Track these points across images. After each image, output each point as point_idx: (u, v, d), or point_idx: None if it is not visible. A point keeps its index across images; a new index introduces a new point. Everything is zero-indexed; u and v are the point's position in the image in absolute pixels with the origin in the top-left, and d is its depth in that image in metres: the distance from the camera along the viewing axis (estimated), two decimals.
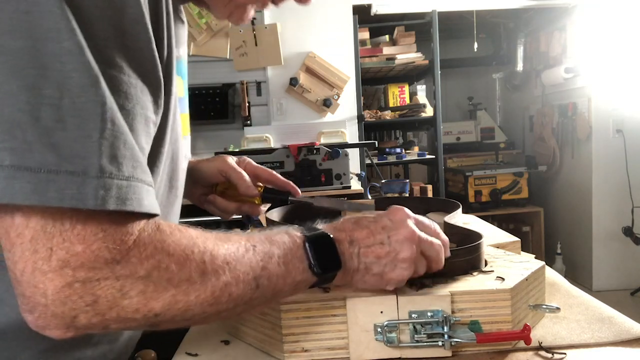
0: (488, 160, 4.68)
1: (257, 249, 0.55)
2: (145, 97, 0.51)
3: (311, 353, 0.64)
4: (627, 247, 3.72)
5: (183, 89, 0.74)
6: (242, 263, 0.53)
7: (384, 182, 2.32)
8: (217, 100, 3.16)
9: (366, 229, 0.62)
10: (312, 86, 3.23)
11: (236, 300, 0.53)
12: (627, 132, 3.68)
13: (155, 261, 0.48)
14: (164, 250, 0.49)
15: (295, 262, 0.57)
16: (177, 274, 0.49)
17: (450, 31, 4.67)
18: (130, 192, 0.46)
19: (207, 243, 0.52)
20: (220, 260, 0.52)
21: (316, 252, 0.58)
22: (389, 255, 0.61)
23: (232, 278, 0.52)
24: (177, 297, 0.49)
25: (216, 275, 0.51)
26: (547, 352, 0.63)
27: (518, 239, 0.93)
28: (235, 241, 0.55)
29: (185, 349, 0.70)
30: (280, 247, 0.57)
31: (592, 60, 3.71)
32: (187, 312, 0.50)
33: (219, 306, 0.52)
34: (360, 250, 0.61)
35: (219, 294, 0.51)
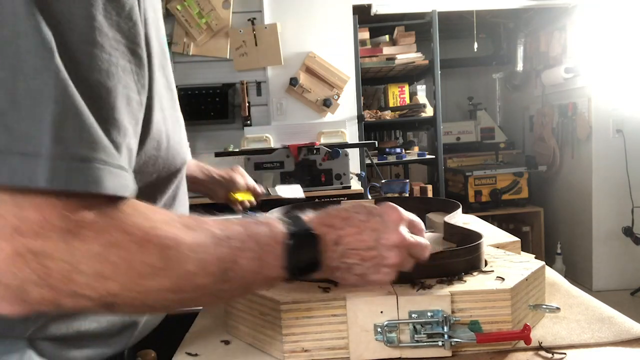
0: (488, 160, 4.68)
1: (231, 240, 0.53)
2: (128, 76, 0.51)
3: (311, 353, 0.64)
4: (627, 247, 3.72)
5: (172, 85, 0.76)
6: (210, 254, 0.51)
7: (384, 182, 2.32)
8: (217, 100, 3.16)
9: (355, 228, 0.60)
10: (312, 86, 3.23)
11: (201, 290, 0.52)
12: (627, 132, 3.68)
13: (112, 238, 0.47)
14: (124, 230, 0.47)
15: (270, 259, 0.55)
16: (137, 256, 0.47)
17: (450, 31, 4.67)
18: (86, 173, 0.45)
19: (176, 229, 0.51)
20: (187, 248, 0.50)
21: (295, 253, 0.57)
22: (375, 259, 0.60)
23: (198, 268, 0.50)
24: (137, 281, 0.48)
25: (180, 263, 0.49)
26: (547, 352, 0.63)
27: (518, 239, 0.93)
28: (209, 230, 0.53)
29: (185, 349, 0.70)
30: (258, 241, 0.55)
31: (592, 60, 3.71)
32: (147, 298, 0.49)
33: (182, 295, 0.51)
34: (345, 252, 0.60)
35: (183, 282, 0.50)
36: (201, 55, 3.14)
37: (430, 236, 0.91)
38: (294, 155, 2.40)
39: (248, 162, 2.42)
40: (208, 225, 0.54)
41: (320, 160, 2.41)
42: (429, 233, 0.94)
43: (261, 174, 2.40)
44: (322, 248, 0.58)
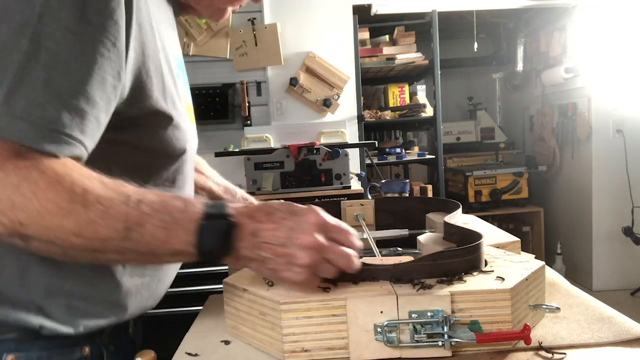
0: (488, 160, 4.68)
1: (142, 205, 0.58)
2: (105, 61, 0.59)
3: (311, 353, 0.64)
4: (627, 247, 3.72)
5: (182, 83, 0.82)
6: (115, 209, 0.57)
7: (384, 182, 2.32)
8: (217, 100, 3.16)
9: (273, 224, 0.62)
10: (312, 86, 3.23)
11: (102, 240, 0.57)
12: (627, 132, 3.68)
13: (28, 174, 0.54)
14: (41, 170, 0.55)
15: (179, 231, 0.59)
16: (46, 194, 0.55)
17: (450, 31, 4.67)
18: (22, 129, 0.55)
19: (91, 182, 0.57)
20: (93, 197, 0.56)
21: (207, 232, 0.60)
22: (286, 257, 0.62)
23: (100, 218, 0.56)
24: (43, 216, 0.55)
25: (84, 208, 0.56)
26: (547, 352, 0.63)
27: (518, 239, 0.93)
28: (123, 191, 0.58)
29: (185, 349, 0.70)
30: (170, 212, 0.59)
31: (592, 60, 3.71)
32: (51, 233, 0.56)
33: (84, 240, 0.57)
34: (260, 244, 0.62)
35: (84, 225, 0.56)
36: (201, 55, 3.14)
37: (430, 236, 0.91)
38: (294, 155, 2.40)
39: (248, 162, 2.42)
40: (125, 188, 0.59)
41: (320, 160, 2.41)
42: (429, 233, 0.94)
43: (261, 174, 2.40)
44: (237, 236, 0.61)
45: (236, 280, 0.74)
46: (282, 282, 0.65)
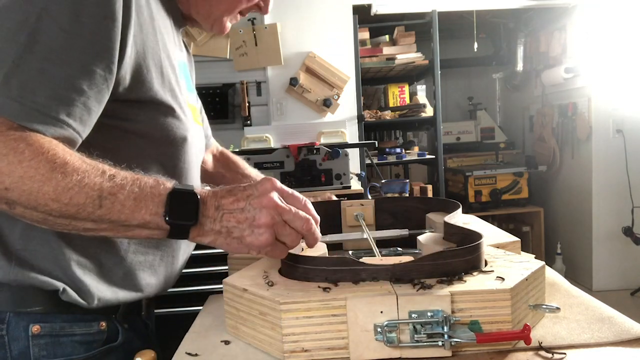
0: (488, 160, 4.68)
1: (115, 178, 0.65)
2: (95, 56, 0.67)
3: (311, 353, 0.64)
4: (627, 247, 3.72)
5: (185, 85, 0.88)
6: (91, 180, 0.64)
7: (384, 182, 2.32)
8: (217, 100, 3.16)
9: (234, 197, 0.68)
10: (312, 86, 3.23)
11: (78, 206, 0.63)
12: (627, 132, 3.68)
13: (15, 144, 0.61)
14: (27, 143, 0.62)
15: (148, 203, 0.65)
16: (27, 162, 0.61)
17: (450, 31, 4.67)
18: (14, 108, 0.62)
19: (71, 157, 0.64)
20: (71, 168, 0.63)
21: (174, 204, 0.66)
22: (247, 220, 0.67)
23: (76, 185, 0.63)
24: (25, 181, 0.61)
25: (62, 176, 0.62)
26: (547, 352, 0.63)
27: (518, 239, 0.93)
28: (99, 167, 0.65)
29: (185, 349, 0.70)
30: (141, 186, 0.66)
31: (592, 60, 3.71)
32: (32, 198, 0.62)
33: (61, 205, 0.63)
34: (224, 216, 0.67)
35: (61, 192, 0.62)
36: (201, 55, 3.14)
37: (430, 236, 0.91)
38: (294, 155, 2.40)
39: (248, 162, 2.42)
40: (102, 165, 0.66)
41: (320, 160, 2.41)
42: (429, 233, 0.94)
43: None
44: (203, 210, 0.67)
45: (236, 280, 0.74)
46: (250, 250, 0.69)
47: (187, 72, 0.92)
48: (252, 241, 0.67)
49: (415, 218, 1.05)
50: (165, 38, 0.80)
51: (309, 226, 0.69)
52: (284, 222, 0.68)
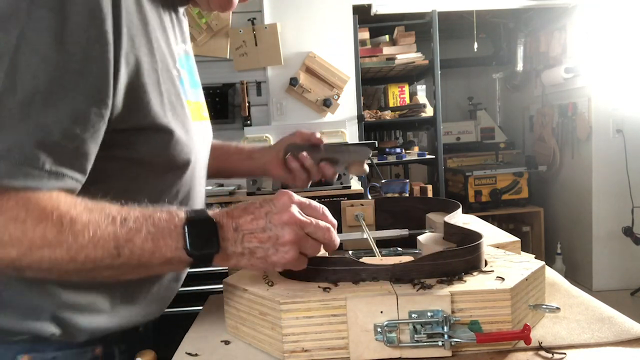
0: (488, 160, 4.68)
1: (127, 222, 0.60)
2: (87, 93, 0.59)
3: (311, 353, 0.64)
4: (627, 247, 3.72)
5: (188, 80, 0.82)
6: (104, 231, 0.59)
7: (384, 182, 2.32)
8: (217, 100, 3.16)
9: (251, 215, 0.65)
10: (312, 86, 3.23)
11: (95, 262, 0.59)
12: (627, 132, 3.68)
13: (13, 214, 0.56)
14: (24, 206, 0.57)
15: (167, 240, 0.61)
16: (32, 230, 0.56)
17: (450, 31, 4.67)
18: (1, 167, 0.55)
19: (76, 210, 0.59)
20: (80, 225, 0.58)
21: (193, 234, 0.62)
22: (271, 240, 0.64)
23: (90, 241, 0.58)
24: (33, 250, 0.57)
25: (73, 237, 0.58)
26: (547, 352, 0.63)
27: (518, 239, 0.93)
28: (107, 213, 0.60)
29: (185, 349, 0.70)
30: (155, 224, 0.61)
31: (592, 60, 3.71)
32: (44, 264, 0.58)
33: (78, 264, 0.59)
34: (244, 237, 0.65)
35: (75, 253, 0.58)
36: (201, 55, 3.14)
37: (430, 236, 0.91)
38: None
39: None
40: (109, 209, 0.61)
41: None
42: (429, 233, 0.94)
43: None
44: (222, 234, 0.64)
45: (236, 280, 0.74)
46: (275, 267, 0.67)
47: (190, 65, 0.85)
48: (278, 260, 0.65)
49: (415, 218, 1.05)
50: (161, 39, 0.72)
51: (329, 235, 0.68)
52: (306, 236, 0.66)
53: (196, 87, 0.87)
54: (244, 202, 0.68)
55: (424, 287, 0.65)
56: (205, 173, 0.90)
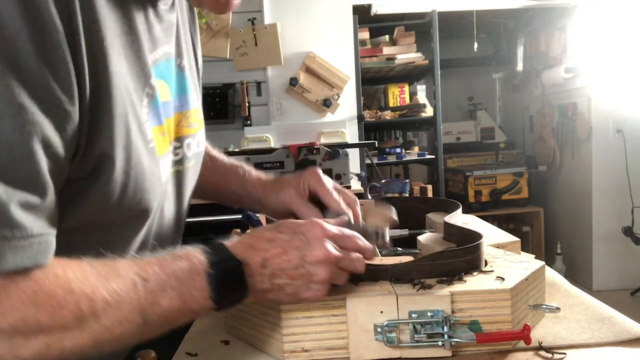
0: (488, 160, 4.68)
1: (148, 284, 0.54)
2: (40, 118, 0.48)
3: (311, 353, 0.64)
4: (627, 247, 3.72)
5: (169, 92, 0.71)
6: (126, 302, 0.52)
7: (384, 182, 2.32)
8: (217, 100, 3.16)
9: (279, 248, 0.61)
10: (312, 86, 3.23)
11: (121, 337, 0.53)
12: (627, 132, 3.68)
13: (21, 315, 0.47)
14: (31, 301, 0.48)
15: (193, 292, 0.56)
16: (48, 324, 0.48)
17: (450, 31, 4.67)
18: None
19: (87, 285, 0.51)
20: (100, 303, 0.51)
21: (219, 282, 0.57)
22: (303, 277, 0.61)
23: (115, 319, 0.52)
24: (50, 345, 0.49)
25: (96, 320, 0.51)
26: (547, 352, 0.63)
27: (518, 239, 0.93)
28: (124, 276, 0.53)
29: (185, 349, 0.70)
30: (178, 278, 0.55)
31: (592, 60, 3.71)
32: (66, 352, 0.50)
33: (102, 346, 0.52)
34: (274, 273, 0.60)
35: (99, 336, 0.51)
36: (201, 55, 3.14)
37: (430, 236, 0.91)
38: (294, 155, 2.40)
39: (248, 162, 2.42)
40: (124, 270, 0.54)
41: (320, 160, 2.41)
42: (429, 233, 0.94)
43: None
44: (248, 272, 0.59)
45: None
46: (303, 302, 0.63)
47: (174, 70, 0.73)
48: (309, 296, 0.62)
49: (415, 218, 1.05)
50: (130, 55, 0.61)
51: (361, 265, 0.65)
52: (339, 269, 0.63)
53: (185, 93, 0.77)
54: (267, 228, 0.64)
55: (424, 287, 0.65)
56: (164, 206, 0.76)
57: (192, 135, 0.78)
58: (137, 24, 0.62)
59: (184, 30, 0.80)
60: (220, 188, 0.97)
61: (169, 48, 0.71)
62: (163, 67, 0.69)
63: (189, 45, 0.82)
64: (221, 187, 0.97)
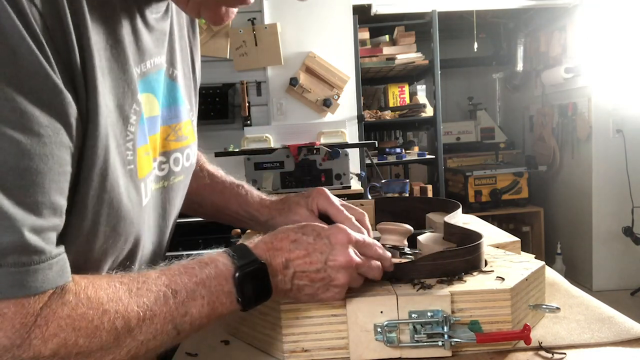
0: (488, 160, 4.68)
1: (179, 295, 0.55)
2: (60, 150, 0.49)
3: (311, 353, 0.64)
4: (627, 247, 3.72)
5: (157, 106, 0.68)
6: (159, 316, 0.54)
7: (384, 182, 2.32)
8: (217, 100, 3.16)
9: (304, 251, 0.62)
10: (312, 86, 3.23)
11: (155, 349, 0.55)
12: (627, 132, 3.68)
13: (60, 339, 0.48)
14: (69, 326, 0.48)
15: (221, 297, 0.58)
16: (87, 346, 0.49)
17: (450, 31, 4.67)
18: (18, 278, 0.45)
19: (120, 304, 0.52)
20: (135, 320, 0.52)
21: (246, 287, 0.59)
22: (324, 280, 0.62)
23: (149, 333, 0.53)
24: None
25: (131, 336, 0.52)
26: (547, 352, 0.63)
27: (518, 239, 0.93)
28: (155, 290, 0.54)
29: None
30: (206, 285, 0.57)
31: (592, 60, 3.71)
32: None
33: (137, 358, 0.54)
34: (295, 275, 0.62)
35: (135, 351, 0.53)
36: (201, 55, 3.13)
37: (430, 236, 0.91)
38: (294, 155, 2.40)
39: (248, 162, 2.42)
40: (154, 284, 0.55)
41: (320, 160, 2.41)
42: (429, 233, 0.94)
43: (261, 174, 2.40)
44: (271, 272, 0.61)
45: None
46: (320, 302, 0.65)
47: (159, 83, 0.68)
48: (327, 298, 0.63)
49: (415, 218, 1.05)
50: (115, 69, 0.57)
51: (379, 274, 0.66)
52: (358, 275, 0.65)
53: (176, 104, 0.74)
54: (292, 229, 0.64)
55: (424, 287, 0.65)
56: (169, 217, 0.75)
57: (181, 149, 0.75)
58: (123, 35, 0.59)
59: (180, 35, 0.76)
60: (220, 208, 0.96)
61: (159, 59, 0.68)
62: (152, 79, 0.66)
63: (184, 52, 0.78)
64: (221, 208, 0.96)
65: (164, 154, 0.72)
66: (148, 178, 0.66)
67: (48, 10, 0.47)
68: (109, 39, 0.57)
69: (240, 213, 0.94)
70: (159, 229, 0.74)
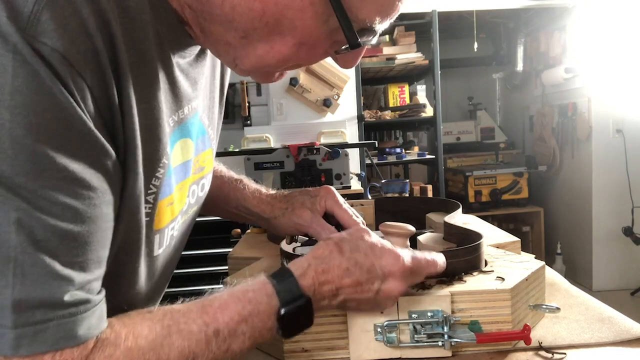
0: (488, 160, 4.68)
1: (221, 335, 0.54)
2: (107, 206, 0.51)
3: (311, 353, 0.64)
4: (627, 247, 3.72)
5: (192, 148, 0.68)
6: (201, 357, 0.53)
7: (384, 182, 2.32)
8: None
9: (356, 280, 0.60)
10: (312, 86, 3.23)
11: None
12: (627, 132, 3.68)
13: None
14: None
15: (263, 333, 0.57)
16: None
17: (450, 31, 4.67)
18: (51, 333, 0.46)
19: (162, 352, 0.51)
20: None
21: (290, 324, 0.58)
22: (370, 303, 0.62)
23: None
24: None
25: None
26: (547, 352, 0.63)
27: (518, 239, 0.93)
28: (196, 332, 0.53)
29: None
30: (248, 322, 0.56)
31: (592, 60, 3.71)
32: None
33: None
34: (344, 300, 0.61)
35: None
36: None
37: (430, 236, 0.91)
38: (294, 155, 2.40)
39: (248, 162, 2.42)
40: (195, 324, 0.54)
41: (320, 160, 2.41)
42: (429, 233, 0.94)
43: (261, 174, 2.40)
44: (317, 300, 0.59)
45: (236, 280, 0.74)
46: None
47: (194, 125, 0.67)
48: (368, 313, 0.64)
49: (415, 218, 1.05)
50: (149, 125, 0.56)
51: None
52: None
53: (203, 134, 0.72)
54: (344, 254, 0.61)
55: (424, 287, 0.65)
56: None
57: (197, 181, 0.73)
58: (160, 86, 0.57)
59: (213, 64, 0.74)
60: (219, 203, 0.93)
61: (196, 102, 0.66)
62: (190, 124, 0.65)
63: (215, 80, 0.76)
64: (220, 202, 0.93)
65: None
66: (168, 226, 0.65)
67: (96, 82, 0.48)
68: (147, 94, 0.55)
69: (239, 208, 0.92)
70: (170, 258, 0.73)
